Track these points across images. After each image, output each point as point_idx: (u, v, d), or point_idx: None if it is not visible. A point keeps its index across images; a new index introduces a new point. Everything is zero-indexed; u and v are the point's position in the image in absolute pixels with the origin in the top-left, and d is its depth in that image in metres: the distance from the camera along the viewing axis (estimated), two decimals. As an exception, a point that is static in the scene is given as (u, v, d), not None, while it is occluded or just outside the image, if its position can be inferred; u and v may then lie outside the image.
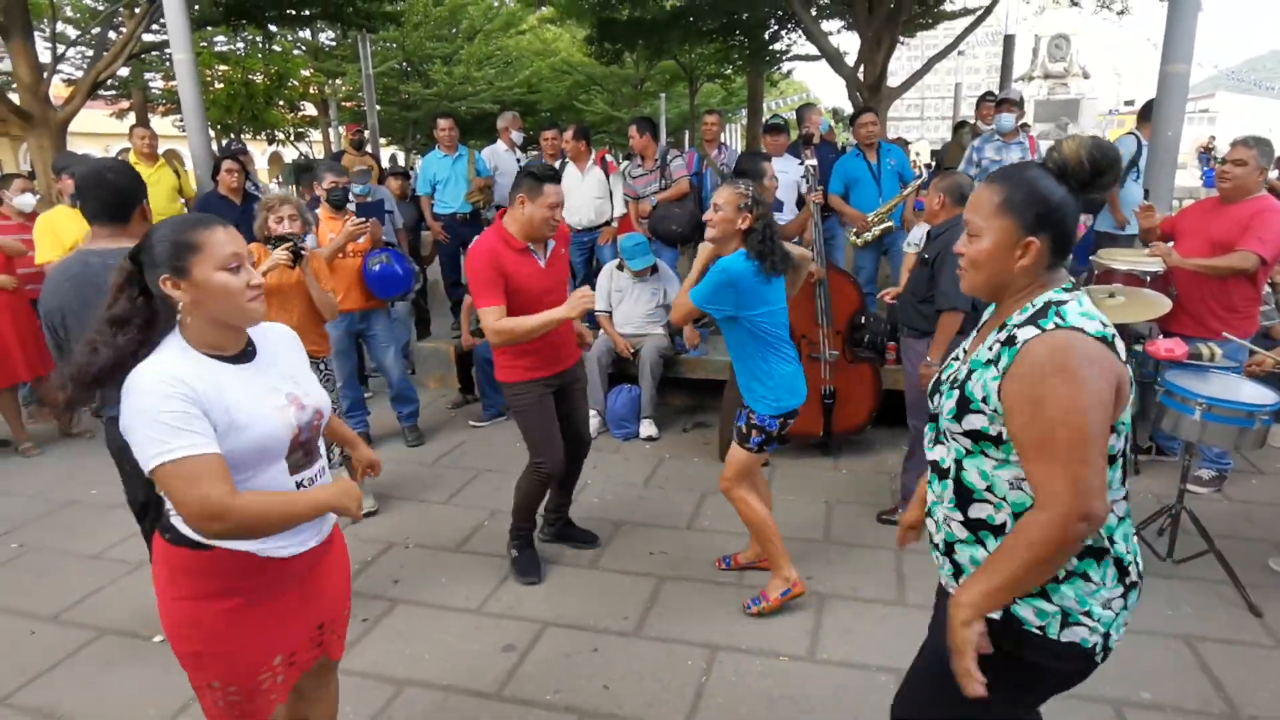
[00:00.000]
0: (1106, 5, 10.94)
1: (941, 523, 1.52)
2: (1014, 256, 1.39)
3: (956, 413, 1.42)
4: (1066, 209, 1.37)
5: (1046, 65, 21.04)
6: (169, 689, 2.63)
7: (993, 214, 1.40)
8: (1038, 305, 1.36)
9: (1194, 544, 3.17)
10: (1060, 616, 1.38)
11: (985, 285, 1.45)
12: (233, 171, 5.44)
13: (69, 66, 13.45)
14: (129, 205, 2.42)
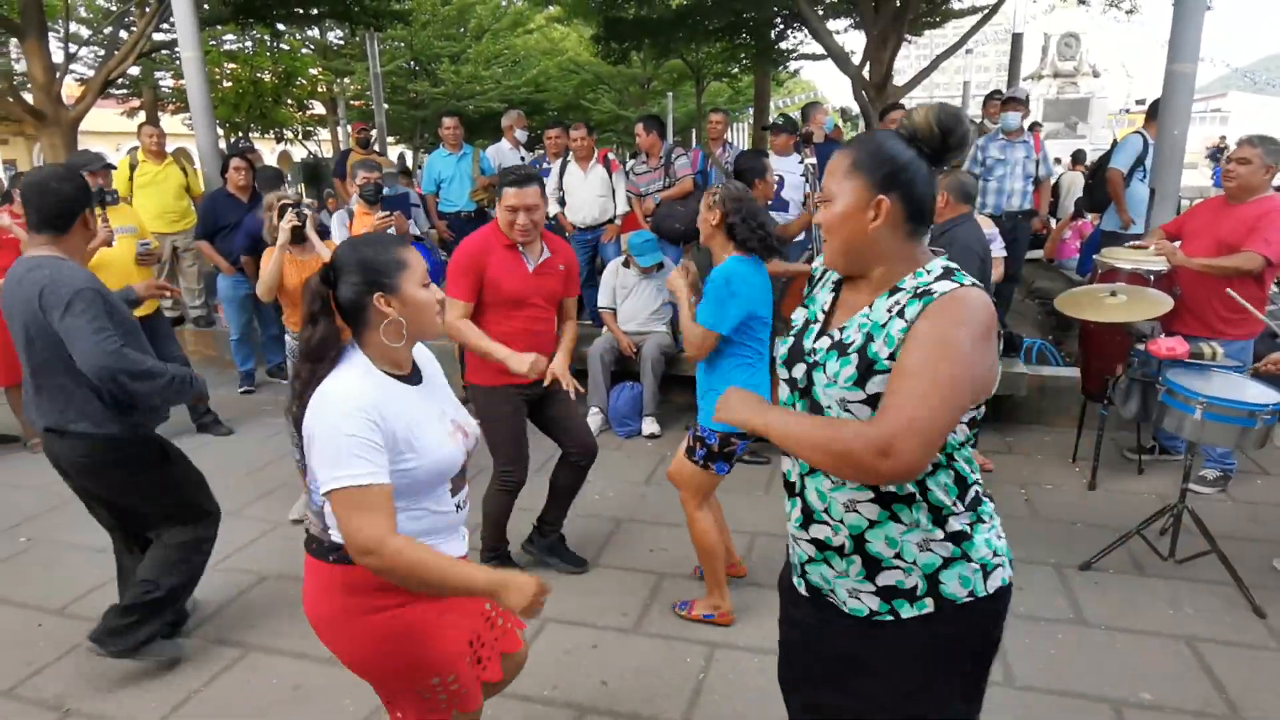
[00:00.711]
0: (1115, 4, 10.88)
1: (844, 512, 1.41)
2: (866, 217, 1.37)
3: (858, 378, 1.34)
4: (915, 170, 1.36)
5: (1056, 64, 20.95)
6: (173, 683, 2.66)
7: (844, 176, 1.39)
8: (936, 271, 1.35)
9: (1196, 544, 3.16)
10: (980, 571, 1.40)
11: (843, 251, 1.42)
12: (240, 169, 5.50)
13: (81, 66, 13.56)
14: (70, 215, 2.41)
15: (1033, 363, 5.15)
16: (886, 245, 1.38)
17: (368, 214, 4.49)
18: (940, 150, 1.37)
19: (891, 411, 1.23)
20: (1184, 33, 4.61)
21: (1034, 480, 4.10)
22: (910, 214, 1.37)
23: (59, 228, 2.40)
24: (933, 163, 1.38)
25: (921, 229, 1.40)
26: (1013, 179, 5.67)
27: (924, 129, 1.35)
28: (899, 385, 1.26)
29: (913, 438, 1.20)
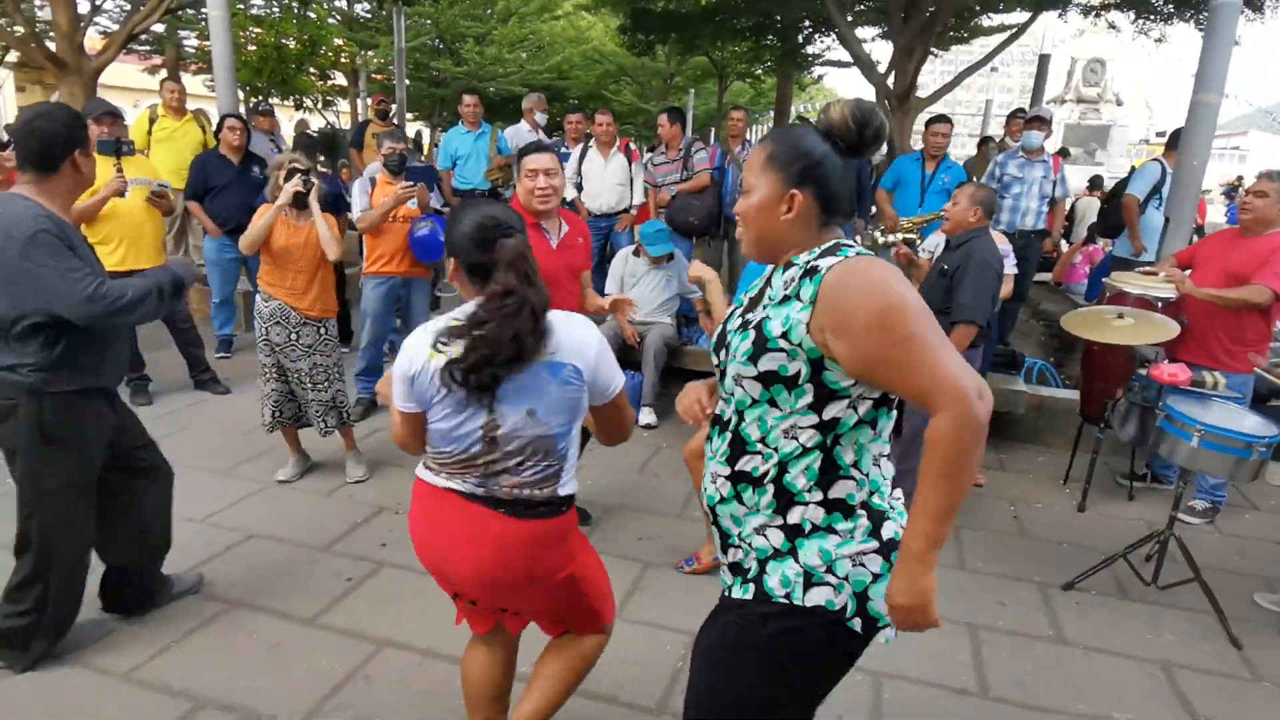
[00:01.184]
0: (1144, 32, 10.83)
1: (710, 483, 1.48)
2: (780, 210, 1.41)
3: (753, 354, 1.37)
4: (829, 165, 1.39)
5: (1080, 89, 20.88)
6: (149, 636, 2.68)
7: (761, 169, 1.43)
8: (826, 246, 1.39)
9: (1180, 572, 3.16)
10: (804, 578, 1.36)
11: (756, 241, 1.47)
12: (235, 129, 5.44)
13: (104, 20, 13.54)
14: (56, 155, 2.26)
15: (1033, 382, 5.14)
16: (798, 236, 1.42)
17: (390, 184, 4.49)
18: (856, 145, 1.40)
19: (935, 378, 1.22)
20: (1211, 64, 4.61)
21: (1024, 499, 4.11)
22: (823, 207, 1.41)
23: (48, 167, 2.25)
24: (849, 156, 1.41)
25: (834, 219, 1.44)
26: (1028, 198, 5.66)
27: (840, 124, 1.38)
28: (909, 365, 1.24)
29: (970, 372, 1.23)
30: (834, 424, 1.35)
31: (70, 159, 2.29)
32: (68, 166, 2.29)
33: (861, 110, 1.38)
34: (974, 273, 3.32)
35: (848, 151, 1.41)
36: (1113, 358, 3.75)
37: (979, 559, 3.46)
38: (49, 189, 2.28)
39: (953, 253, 3.47)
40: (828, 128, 1.40)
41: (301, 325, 3.65)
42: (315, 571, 3.10)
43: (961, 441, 1.22)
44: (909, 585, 1.28)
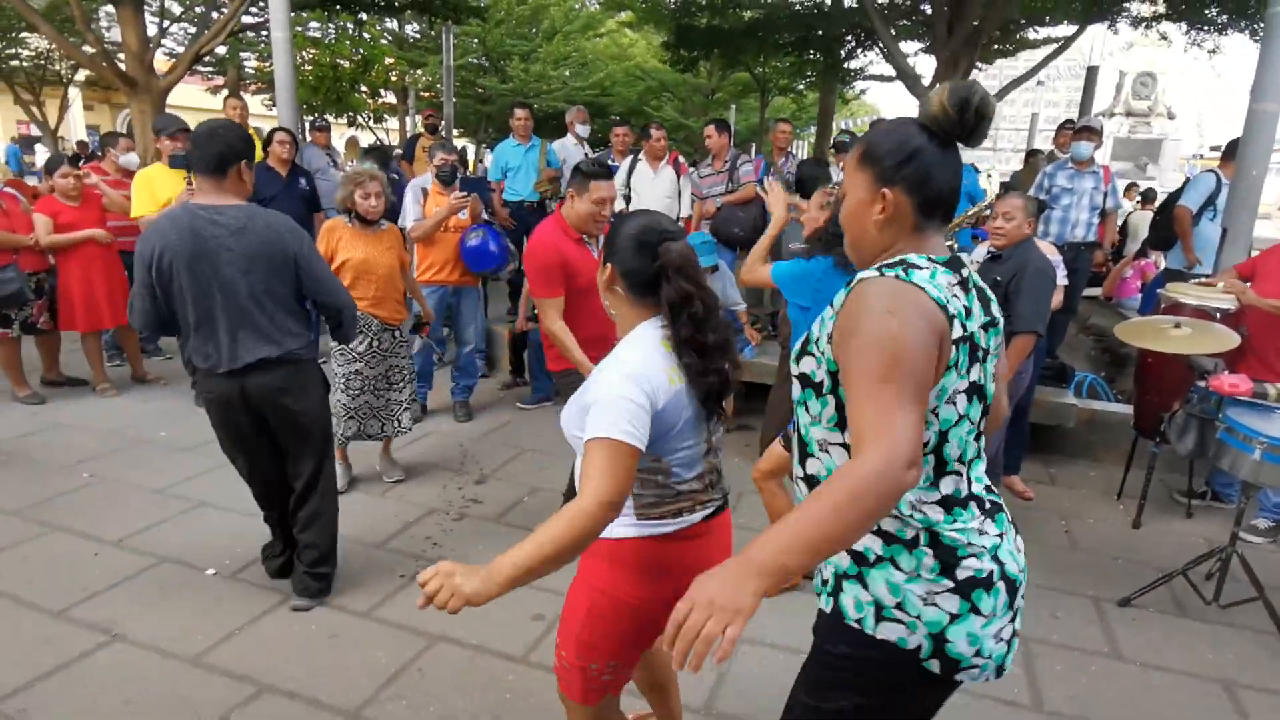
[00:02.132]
0: (1197, 43, 10.59)
1: (794, 485, 1.43)
2: (874, 210, 1.31)
3: (798, 353, 1.35)
4: (925, 157, 1.27)
5: (1130, 102, 20.41)
6: (219, 619, 2.78)
7: (854, 168, 1.34)
8: (892, 260, 1.29)
9: (1242, 591, 3.07)
10: (875, 609, 1.29)
11: (852, 244, 1.38)
12: (284, 143, 5.56)
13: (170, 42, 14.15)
14: (225, 162, 2.55)
15: (1083, 396, 5.05)
16: (891, 238, 1.32)
17: (442, 194, 4.61)
18: (959, 129, 1.27)
19: (879, 426, 1.12)
20: (1269, 73, 4.50)
21: (1076, 513, 4.03)
22: (920, 205, 1.29)
23: (218, 172, 2.55)
24: (952, 145, 1.30)
25: (933, 222, 1.32)
26: (1078, 209, 5.58)
27: (938, 111, 1.26)
28: (861, 402, 1.16)
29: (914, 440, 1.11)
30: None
31: (237, 168, 2.58)
32: (233, 173, 2.58)
33: (959, 89, 1.25)
34: (1031, 282, 3.30)
35: (950, 140, 1.29)
36: (1169, 370, 3.67)
37: (1031, 572, 3.36)
38: (226, 194, 2.58)
39: (1004, 263, 3.44)
40: (928, 118, 1.28)
41: (382, 331, 3.77)
42: (370, 567, 3.19)
43: (868, 488, 1.08)
44: (724, 582, 1.08)
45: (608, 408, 1.43)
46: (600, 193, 2.93)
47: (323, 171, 6.54)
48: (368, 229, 3.71)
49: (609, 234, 1.67)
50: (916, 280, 1.22)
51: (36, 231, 4.80)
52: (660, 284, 1.56)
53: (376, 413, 3.84)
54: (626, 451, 1.41)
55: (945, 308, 1.22)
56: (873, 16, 9.45)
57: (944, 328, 1.21)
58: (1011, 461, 4.15)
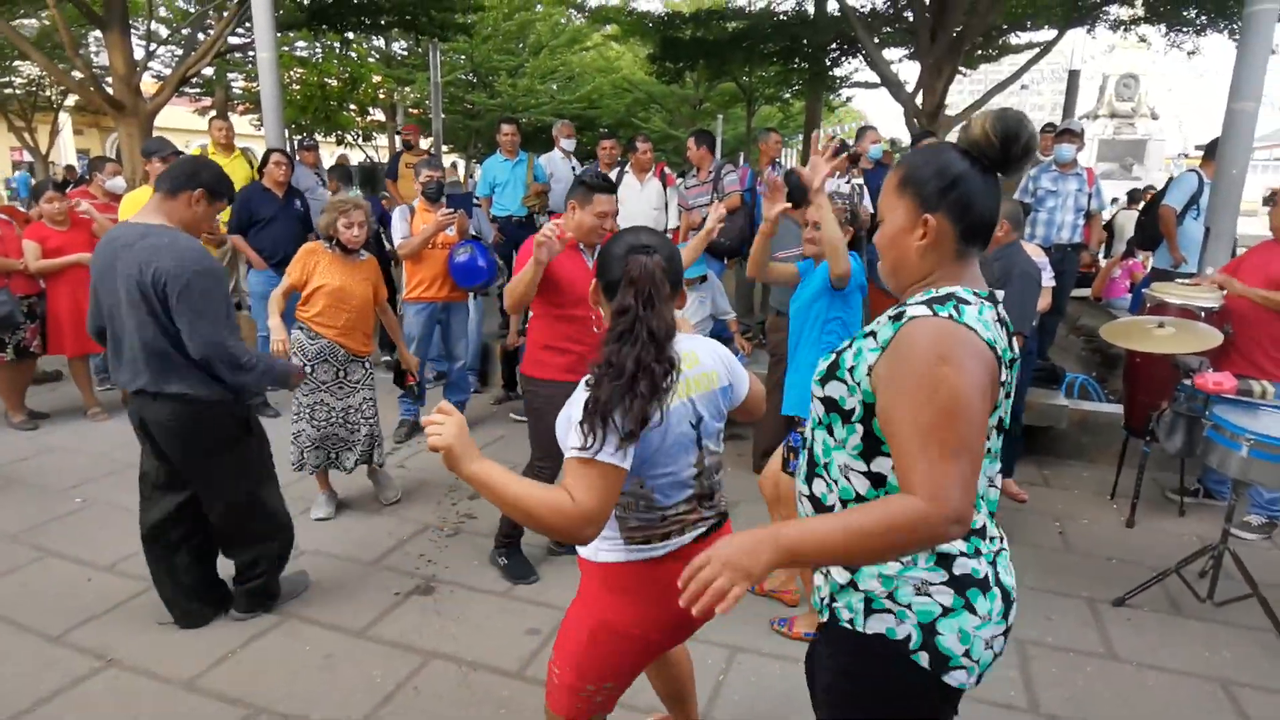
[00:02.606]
0: (1176, 45, 10.70)
1: (799, 500, 1.44)
2: (914, 236, 1.29)
3: (824, 375, 1.34)
4: (968, 185, 1.26)
5: (1113, 104, 20.61)
6: (212, 641, 2.77)
7: (894, 193, 1.32)
8: (940, 293, 1.26)
9: (1237, 588, 3.08)
10: (864, 603, 1.31)
11: (892, 271, 1.36)
12: (281, 164, 5.50)
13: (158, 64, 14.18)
14: (179, 186, 2.51)
15: (1074, 397, 5.07)
16: (931, 265, 1.30)
17: (429, 211, 4.62)
18: (1002, 161, 1.26)
19: (929, 476, 1.14)
20: (1247, 71, 4.56)
21: (1069, 514, 4.04)
22: (962, 232, 1.27)
23: (170, 191, 2.51)
24: (993, 174, 1.28)
25: (973, 249, 1.31)
26: (1064, 211, 5.62)
27: (981, 139, 1.25)
28: (910, 459, 1.17)
29: (966, 493, 1.13)
30: (882, 480, 1.28)
31: (189, 195, 2.53)
32: (184, 199, 2.54)
33: (1007, 122, 1.24)
34: (1018, 284, 3.34)
35: (992, 169, 1.28)
36: (1156, 369, 3.69)
37: (1024, 574, 3.40)
38: (163, 216, 2.52)
39: (989, 266, 3.47)
40: (970, 144, 1.27)
41: (349, 362, 3.69)
42: (365, 585, 3.17)
43: (909, 530, 1.13)
44: (742, 547, 1.17)
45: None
46: (603, 205, 2.95)
47: (312, 191, 6.54)
48: (348, 257, 3.66)
49: (601, 249, 1.68)
50: (968, 321, 1.21)
51: (25, 256, 4.79)
52: None
53: (350, 446, 3.75)
54: (612, 474, 1.41)
55: (994, 347, 1.22)
56: (856, 25, 9.54)
57: (995, 369, 1.22)
58: (1005, 464, 4.17)
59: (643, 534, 1.63)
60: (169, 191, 2.51)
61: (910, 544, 1.16)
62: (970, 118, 1.31)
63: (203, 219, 2.59)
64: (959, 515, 1.13)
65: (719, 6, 13.44)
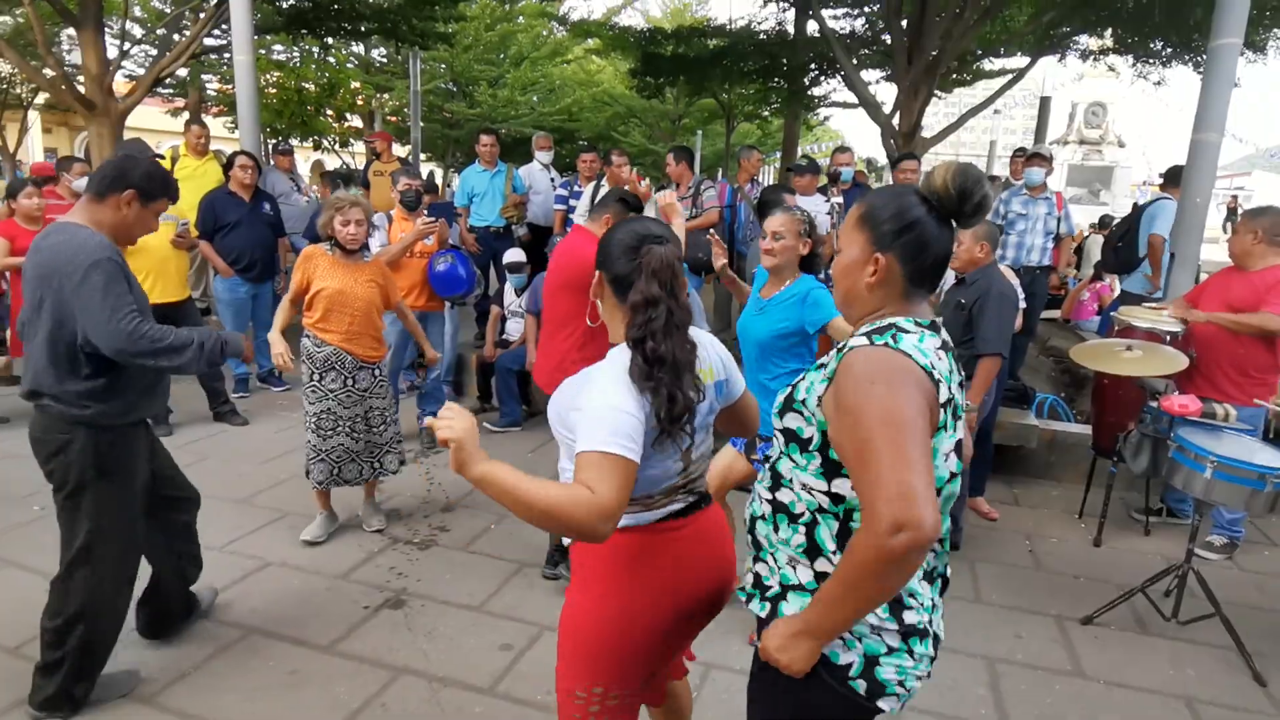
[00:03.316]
0: (1143, 75, 11.02)
1: (755, 497, 1.50)
2: (865, 272, 1.36)
3: (782, 408, 1.40)
4: (922, 230, 1.33)
5: (1082, 131, 21.16)
6: (171, 659, 2.69)
7: (853, 227, 1.39)
8: (881, 324, 1.33)
9: (1200, 607, 3.14)
10: None
11: (842, 300, 1.44)
12: (246, 168, 5.43)
13: (131, 64, 13.97)
14: (109, 187, 2.31)
15: (1044, 417, 5.15)
16: (880, 301, 1.38)
17: (407, 220, 4.59)
18: (956, 214, 1.34)
19: (870, 496, 1.19)
20: (1211, 103, 4.71)
21: (1039, 533, 4.09)
22: (910, 274, 1.35)
23: (98, 193, 2.30)
24: (947, 223, 1.35)
25: (921, 290, 1.38)
26: (1033, 234, 5.73)
27: (940, 189, 1.32)
28: (858, 472, 1.24)
29: (906, 502, 1.15)
30: (841, 500, 1.34)
31: (117, 197, 2.31)
32: (112, 200, 2.32)
33: (968, 179, 1.31)
34: (994, 305, 3.39)
35: (947, 219, 1.35)
36: (1124, 391, 3.77)
37: (994, 592, 3.44)
38: (88, 215, 2.31)
39: (968, 288, 3.53)
40: (929, 191, 1.34)
41: (357, 369, 3.52)
42: (332, 599, 3.11)
43: (863, 563, 1.19)
44: (785, 640, 1.32)
45: (601, 419, 1.39)
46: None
47: (286, 196, 6.48)
48: (348, 259, 3.51)
49: (601, 241, 1.63)
50: (904, 347, 1.27)
51: (-7, 253, 4.66)
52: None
53: (355, 456, 3.57)
54: (625, 467, 1.36)
55: (931, 373, 1.27)
56: (835, 46, 9.69)
57: (933, 393, 1.27)
58: (976, 483, 4.22)
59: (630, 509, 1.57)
60: (96, 194, 2.30)
61: (877, 574, 1.19)
62: (934, 167, 1.35)
63: (135, 222, 2.36)
64: (899, 524, 1.14)
65: (700, 24, 13.60)
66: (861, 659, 1.33)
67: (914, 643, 1.35)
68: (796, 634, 1.31)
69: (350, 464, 3.57)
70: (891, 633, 1.34)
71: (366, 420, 3.58)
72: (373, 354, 3.59)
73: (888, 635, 1.34)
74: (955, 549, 3.76)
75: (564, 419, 1.55)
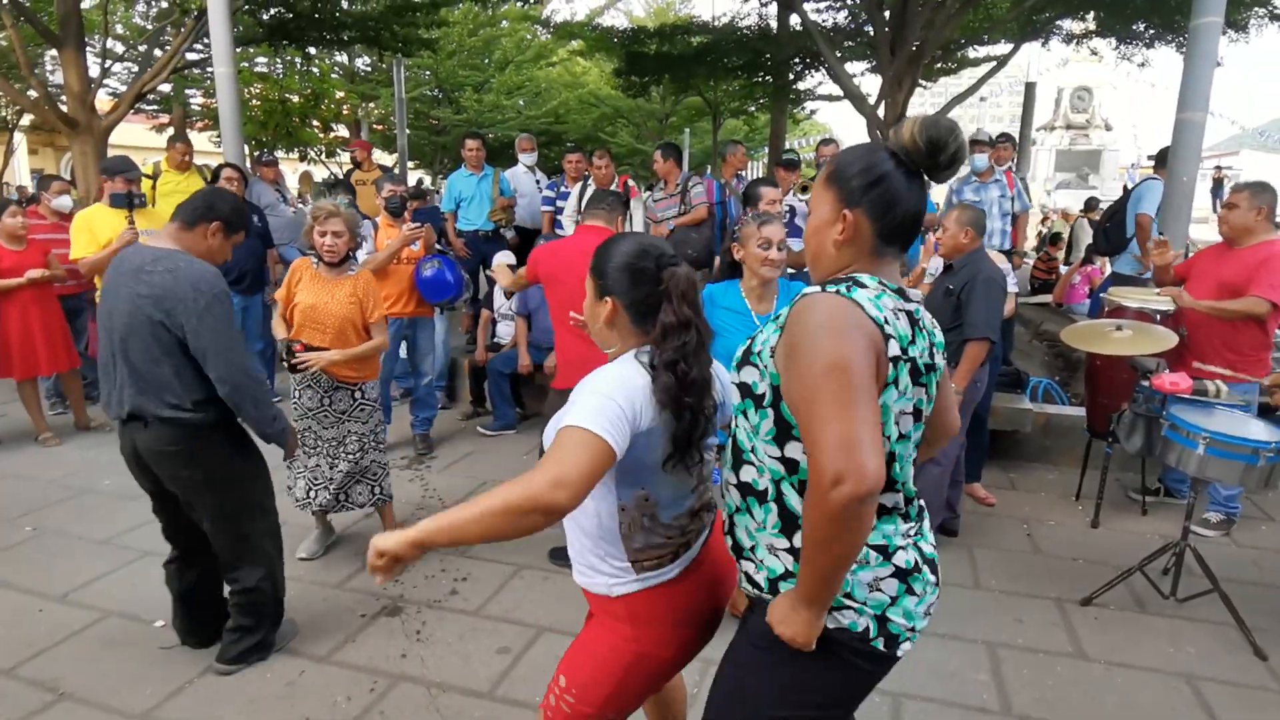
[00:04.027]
0: (1126, 58, 11.05)
1: (725, 490, 1.47)
2: (834, 230, 1.33)
3: (739, 361, 1.37)
4: (890, 185, 1.28)
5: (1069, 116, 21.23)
6: (168, 672, 2.67)
7: (822, 186, 1.36)
8: (842, 278, 1.32)
9: (1199, 585, 3.13)
10: None
11: (811, 260, 1.40)
12: (232, 179, 5.42)
13: (113, 81, 13.94)
14: (198, 217, 2.48)
15: (1039, 401, 5.15)
16: (848, 259, 1.34)
17: (393, 226, 4.57)
18: (929, 167, 1.29)
19: (813, 447, 1.19)
20: (1194, 82, 4.72)
21: (1036, 517, 4.09)
22: (880, 231, 1.31)
23: (187, 223, 2.47)
24: (920, 179, 1.31)
25: (891, 249, 1.34)
26: (989, 219, 5.70)
27: (909, 144, 1.28)
28: (803, 423, 1.22)
29: (847, 452, 1.14)
30: (795, 467, 1.32)
31: (205, 227, 2.49)
32: (201, 229, 2.49)
33: (936, 129, 1.26)
34: (982, 290, 3.38)
35: (918, 173, 1.31)
36: (1116, 372, 3.77)
37: (994, 577, 3.43)
38: (179, 243, 2.46)
39: (956, 274, 3.52)
40: (898, 147, 1.29)
41: (334, 390, 3.33)
42: (328, 609, 3.09)
43: (811, 519, 1.20)
44: (795, 625, 1.29)
45: (588, 402, 1.36)
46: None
47: (272, 207, 6.44)
48: (330, 272, 3.34)
49: (598, 263, 1.56)
50: (856, 297, 1.25)
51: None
52: (660, 309, 1.48)
53: (331, 481, 3.39)
54: (598, 446, 1.30)
55: (882, 326, 1.25)
56: (818, 39, 9.69)
57: (880, 344, 1.24)
58: (972, 469, 4.21)
59: (652, 558, 1.55)
60: (185, 223, 2.47)
61: (827, 528, 1.17)
62: (902, 120, 1.31)
63: (218, 252, 2.54)
64: (839, 476, 1.13)
65: (683, 22, 13.60)
66: (874, 621, 1.33)
67: (913, 581, 1.35)
68: (793, 606, 1.29)
69: (323, 490, 3.40)
70: (888, 580, 1.33)
71: (344, 445, 3.38)
72: (351, 374, 3.35)
73: (886, 585, 1.33)
74: (953, 535, 3.76)
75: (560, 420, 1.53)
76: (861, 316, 1.23)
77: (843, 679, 1.39)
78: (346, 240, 3.32)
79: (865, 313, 1.24)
